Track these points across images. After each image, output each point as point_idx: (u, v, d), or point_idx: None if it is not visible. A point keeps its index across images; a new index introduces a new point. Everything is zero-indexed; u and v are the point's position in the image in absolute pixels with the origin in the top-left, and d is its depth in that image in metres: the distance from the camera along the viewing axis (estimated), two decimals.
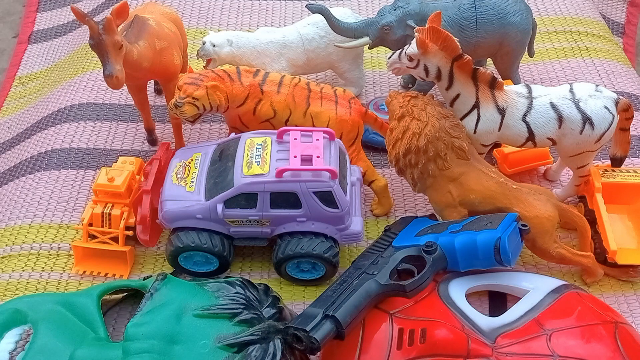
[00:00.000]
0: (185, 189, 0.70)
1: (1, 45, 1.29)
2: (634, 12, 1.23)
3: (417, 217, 0.72)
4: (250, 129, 0.77)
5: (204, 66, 0.87)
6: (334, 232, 0.68)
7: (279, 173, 0.65)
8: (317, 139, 0.69)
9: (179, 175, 0.71)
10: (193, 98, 0.74)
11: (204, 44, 0.85)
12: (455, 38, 0.66)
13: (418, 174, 0.66)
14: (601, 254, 0.70)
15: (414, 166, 0.66)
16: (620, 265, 0.70)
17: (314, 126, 0.74)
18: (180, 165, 0.73)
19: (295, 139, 0.69)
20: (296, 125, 0.75)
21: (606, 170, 0.75)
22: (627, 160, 0.80)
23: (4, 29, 1.35)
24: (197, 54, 0.86)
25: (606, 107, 0.68)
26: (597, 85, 0.70)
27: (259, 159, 0.68)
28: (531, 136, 0.68)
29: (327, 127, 0.74)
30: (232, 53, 0.85)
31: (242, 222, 0.68)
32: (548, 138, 0.69)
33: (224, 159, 0.71)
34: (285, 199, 0.66)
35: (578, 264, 0.69)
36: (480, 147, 0.70)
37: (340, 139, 0.74)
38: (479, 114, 0.67)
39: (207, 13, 1.13)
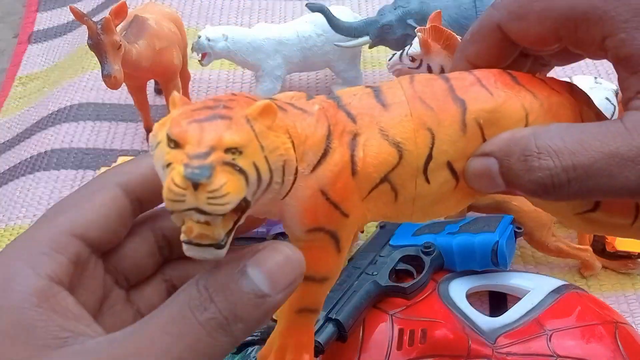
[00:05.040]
0: None
1: (1, 45, 1.29)
2: None
3: None
4: (352, 221, 0.30)
5: (199, 60, 0.86)
6: None
7: None
8: None
9: None
10: (230, 151, 0.24)
11: (199, 37, 0.84)
12: (457, 36, 0.66)
13: None
14: (599, 243, 0.71)
15: None
16: (618, 256, 0.70)
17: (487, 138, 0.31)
18: None
19: None
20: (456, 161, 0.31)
21: None
22: None
23: (4, 29, 1.35)
24: (192, 48, 0.85)
25: (607, 98, 0.68)
26: (595, 78, 0.70)
27: None
28: None
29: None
30: (228, 48, 0.85)
31: None
32: None
33: None
34: None
35: (576, 257, 0.70)
36: None
37: None
38: None
39: (207, 12, 1.13)
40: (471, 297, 0.62)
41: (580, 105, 0.33)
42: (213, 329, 0.24)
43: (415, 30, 0.69)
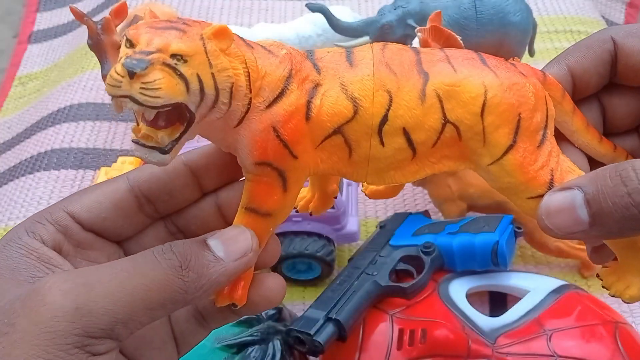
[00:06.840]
0: None
1: (1, 45, 1.29)
2: (633, 13, 1.23)
3: (411, 213, 0.72)
4: (302, 165, 0.31)
5: None
6: (330, 232, 0.68)
7: None
8: None
9: None
10: (175, 57, 0.26)
11: None
12: (457, 36, 0.66)
13: None
14: None
15: None
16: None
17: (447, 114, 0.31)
18: None
19: None
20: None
21: None
22: None
23: (4, 29, 1.35)
24: None
25: None
26: None
27: None
28: None
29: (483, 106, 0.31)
30: None
31: None
32: None
33: None
34: None
35: (576, 257, 0.70)
36: None
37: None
38: None
39: (207, 13, 1.13)
40: (471, 297, 0.62)
41: (553, 92, 0.34)
42: (168, 267, 0.29)
43: (415, 30, 0.69)
